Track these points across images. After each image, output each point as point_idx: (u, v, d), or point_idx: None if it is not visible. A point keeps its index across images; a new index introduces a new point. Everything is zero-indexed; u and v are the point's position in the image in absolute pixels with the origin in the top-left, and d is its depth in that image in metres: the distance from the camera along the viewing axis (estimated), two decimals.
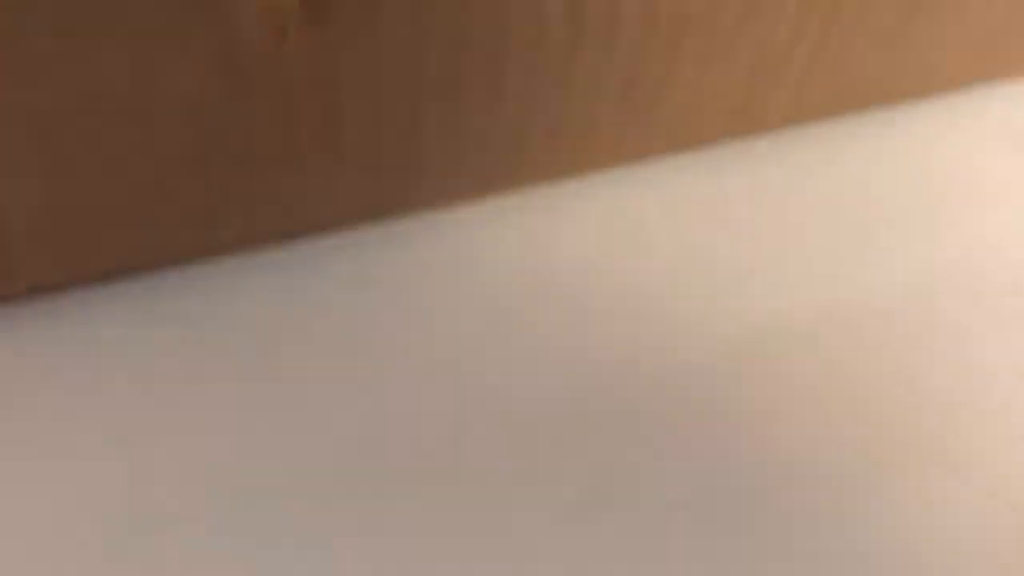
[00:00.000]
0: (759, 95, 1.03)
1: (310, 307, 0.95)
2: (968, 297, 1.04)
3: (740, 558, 0.83)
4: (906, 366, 1.00)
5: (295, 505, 0.82)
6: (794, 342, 1.01)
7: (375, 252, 1.01)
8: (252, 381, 0.89)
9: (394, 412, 0.88)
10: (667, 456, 0.90)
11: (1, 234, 0.81)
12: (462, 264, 1.01)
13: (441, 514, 0.82)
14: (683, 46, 0.95)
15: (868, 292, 1.05)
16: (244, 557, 0.79)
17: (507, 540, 0.82)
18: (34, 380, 0.87)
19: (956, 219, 1.10)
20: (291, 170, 0.90)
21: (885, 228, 1.10)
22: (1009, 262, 1.07)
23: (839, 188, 1.12)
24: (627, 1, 0.88)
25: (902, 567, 0.84)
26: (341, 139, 0.92)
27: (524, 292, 0.99)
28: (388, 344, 0.93)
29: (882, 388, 0.98)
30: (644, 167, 1.12)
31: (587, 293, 1.00)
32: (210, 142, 0.85)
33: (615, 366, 0.95)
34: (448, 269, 1.00)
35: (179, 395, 0.87)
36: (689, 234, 1.07)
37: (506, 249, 1.02)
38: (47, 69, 0.72)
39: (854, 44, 1.02)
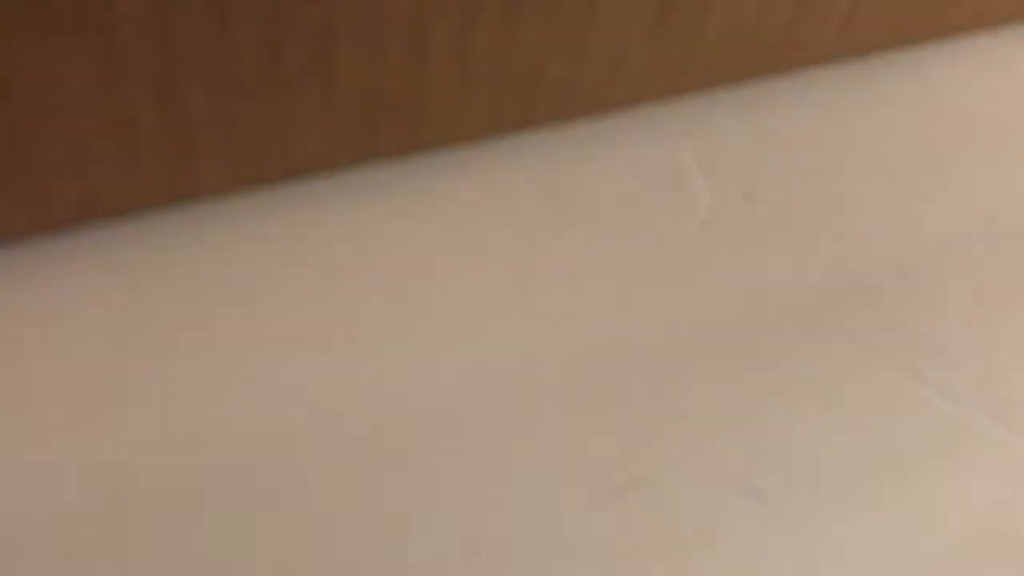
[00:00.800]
0: (804, 26, 0.92)
1: (301, 255, 0.86)
2: None
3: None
4: None
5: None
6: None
7: (366, 197, 0.91)
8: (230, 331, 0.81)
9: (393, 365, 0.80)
10: None
11: None
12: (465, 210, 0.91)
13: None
14: None
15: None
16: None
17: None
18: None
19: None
20: (276, 101, 0.80)
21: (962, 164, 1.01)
22: None
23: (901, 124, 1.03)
24: None
25: None
26: (333, 64, 0.80)
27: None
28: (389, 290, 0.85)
29: None
30: (668, 107, 1.02)
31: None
32: (182, 66, 0.74)
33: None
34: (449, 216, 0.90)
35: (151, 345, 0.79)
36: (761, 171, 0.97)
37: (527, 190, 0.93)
38: None
39: None
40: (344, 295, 0.85)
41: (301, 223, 0.88)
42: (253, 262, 0.86)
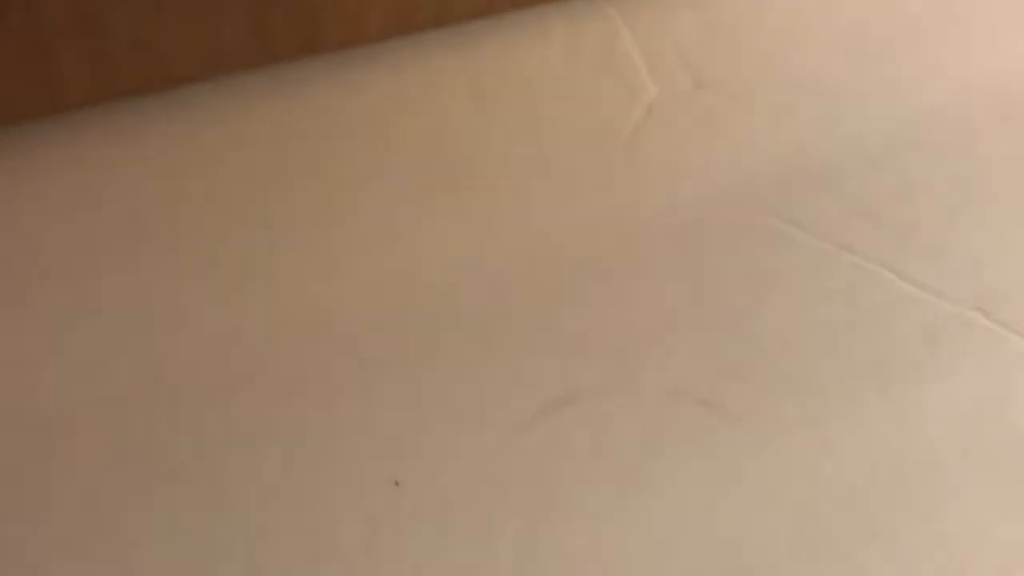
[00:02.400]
0: None
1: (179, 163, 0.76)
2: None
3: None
4: None
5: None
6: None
7: (265, 99, 0.81)
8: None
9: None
10: None
11: None
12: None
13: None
14: None
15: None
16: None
17: None
18: None
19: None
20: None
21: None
22: None
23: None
24: None
25: None
26: None
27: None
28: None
29: None
30: None
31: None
32: None
33: None
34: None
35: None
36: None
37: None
38: None
39: None
40: (257, 197, 0.75)
41: (198, 123, 0.78)
42: (130, 170, 0.76)
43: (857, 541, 0.66)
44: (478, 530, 0.63)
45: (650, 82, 0.87)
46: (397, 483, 0.64)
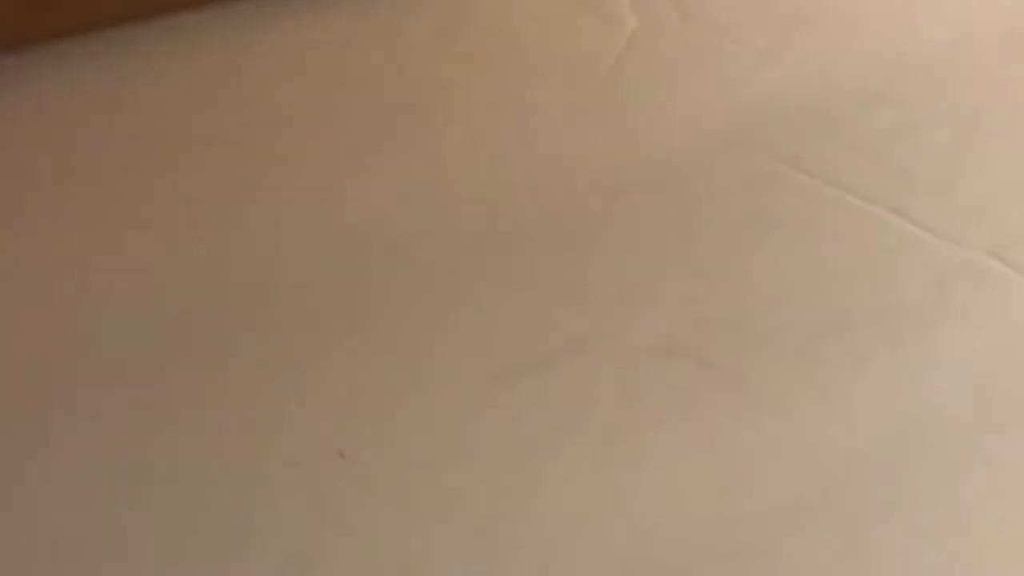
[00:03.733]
0: None
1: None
2: None
3: None
4: None
5: None
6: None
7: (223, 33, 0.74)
8: None
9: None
10: None
11: None
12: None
13: None
14: None
15: None
16: None
17: None
18: None
19: None
20: None
21: None
22: None
23: None
24: None
25: None
26: None
27: None
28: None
29: None
30: None
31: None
32: None
33: None
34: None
35: None
36: None
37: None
38: None
39: None
40: (194, 145, 0.69)
41: (132, 66, 0.72)
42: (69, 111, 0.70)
43: (866, 513, 0.59)
44: (435, 503, 0.57)
45: (630, 13, 0.80)
46: (342, 454, 0.57)
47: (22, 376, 0.59)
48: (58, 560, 0.54)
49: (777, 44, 0.80)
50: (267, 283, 0.63)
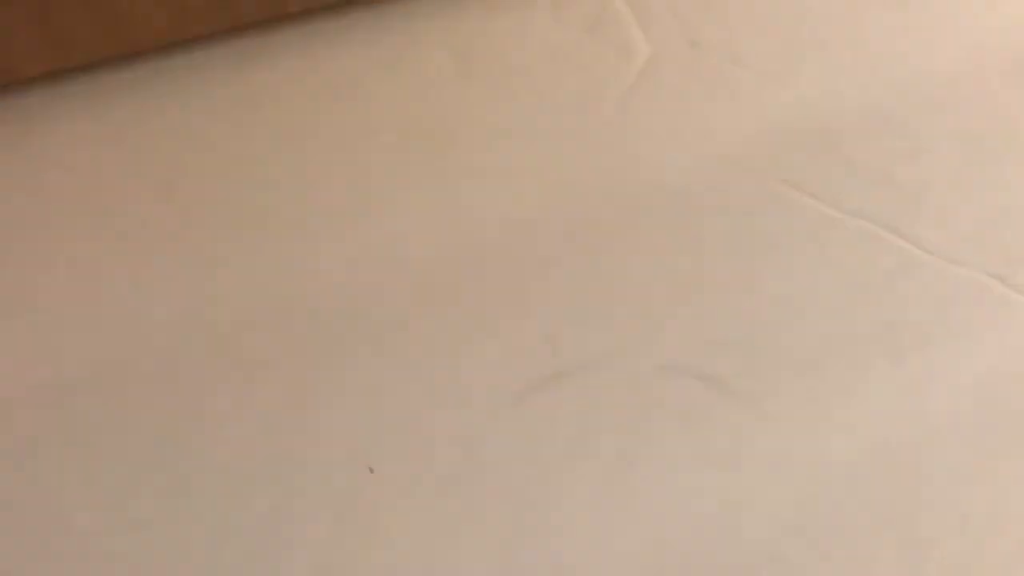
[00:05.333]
0: None
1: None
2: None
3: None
4: None
5: None
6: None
7: (238, 70, 0.76)
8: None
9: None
10: None
11: None
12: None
13: None
14: None
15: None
16: None
17: None
18: None
19: None
20: None
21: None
22: None
23: None
24: None
25: None
26: None
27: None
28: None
29: None
30: None
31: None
32: None
33: None
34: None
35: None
36: None
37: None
38: None
39: None
40: (222, 172, 0.71)
41: (159, 97, 0.74)
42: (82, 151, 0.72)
43: (867, 525, 0.61)
44: (460, 517, 0.59)
45: (643, 42, 0.82)
46: (371, 470, 0.59)
47: (69, 392, 0.61)
48: (93, 565, 0.56)
49: (784, 70, 0.82)
50: (295, 305, 0.66)
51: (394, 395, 0.63)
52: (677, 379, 0.66)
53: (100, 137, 0.73)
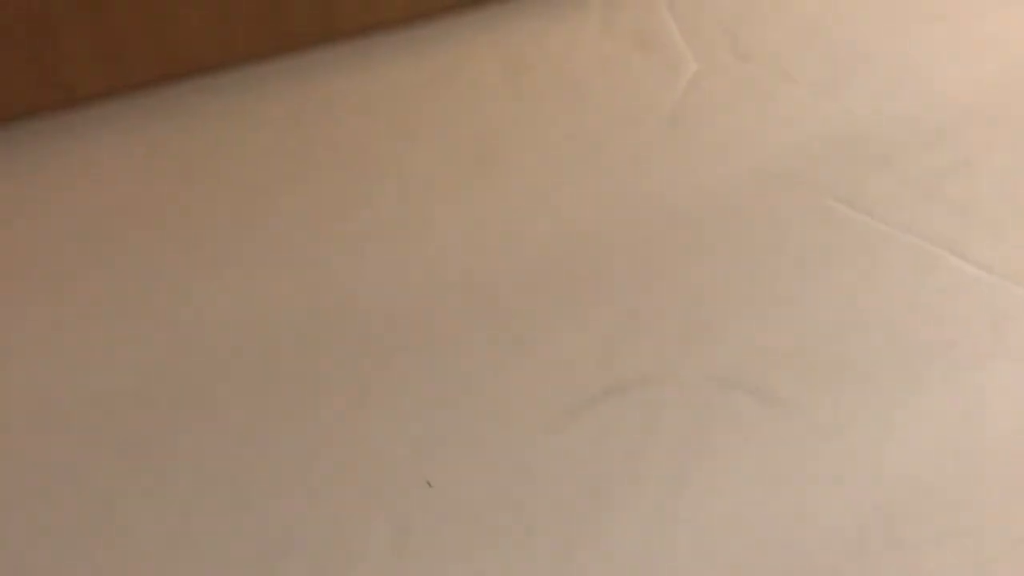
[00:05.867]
0: None
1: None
2: None
3: None
4: None
5: None
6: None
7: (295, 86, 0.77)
8: None
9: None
10: None
11: None
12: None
13: None
14: None
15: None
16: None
17: None
18: None
19: None
20: None
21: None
22: None
23: None
24: None
25: None
26: None
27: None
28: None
29: None
30: None
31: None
32: None
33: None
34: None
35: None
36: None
37: None
38: None
39: None
40: (274, 188, 0.72)
41: (212, 115, 0.74)
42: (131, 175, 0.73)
43: (927, 541, 0.61)
44: (515, 531, 0.59)
45: (690, 56, 0.82)
46: (430, 484, 0.59)
47: (126, 404, 0.62)
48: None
49: (831, 83, 0.82)
50: (347, 319, 0.66)
51: (448, 410, 0.63)
52: (731, 393, 0.66)
53: (151, 152, 0.74)
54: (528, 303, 0.68)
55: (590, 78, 0.79)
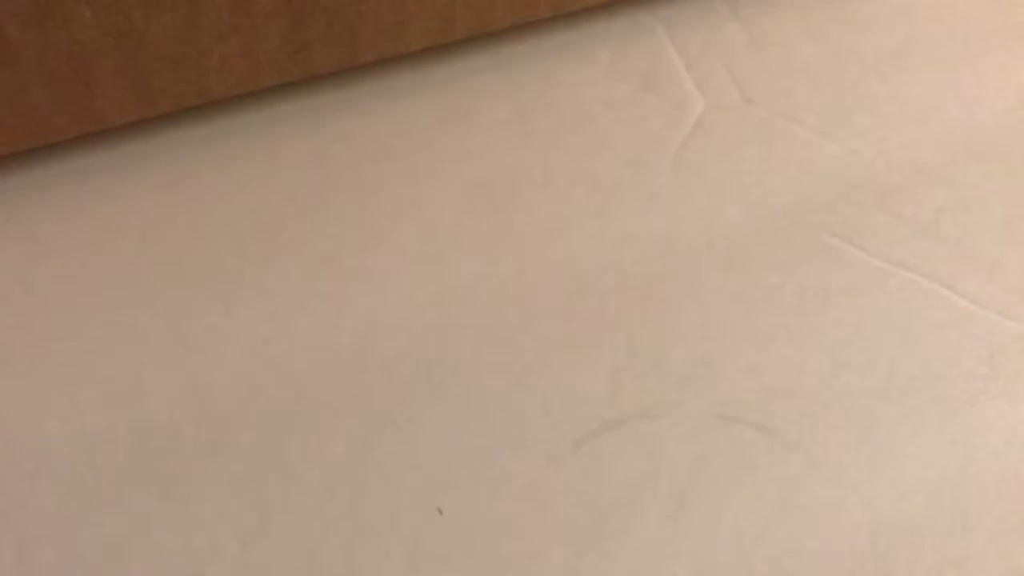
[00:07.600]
0: None
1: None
2: None
3: None
4: None
5: None
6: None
7: (307, 121, 0.80)
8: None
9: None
10: None
11: None
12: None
13: None
14: None
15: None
16: None
17: None
18: None
19: None
20: (182, 11, 0.69)
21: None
22: None
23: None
24: None
25: None
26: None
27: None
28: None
29: None
30: (645, 4, 0.90)
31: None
32: None
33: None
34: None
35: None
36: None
37: None
38: None
39: None
40: (293, 221, 0.75)
41: (233, 145, 0.78)
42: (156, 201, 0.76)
43: (920, 575, 0.63)
44: (523, 558, 0.62)
45: (697, 97, 0.85)
46: (440, 511, 0.62)
47: (150, 434, 0.64)
48: None
49: (835, 125, 0.85)
50: (365, 351, 0.69)
51: (459, 439, 0.66)
52: (731, 427, 0.68)
53: (170, 188, 0.76)
54: (537, 338, 0.71)
55: (598, 118, 0.82)
